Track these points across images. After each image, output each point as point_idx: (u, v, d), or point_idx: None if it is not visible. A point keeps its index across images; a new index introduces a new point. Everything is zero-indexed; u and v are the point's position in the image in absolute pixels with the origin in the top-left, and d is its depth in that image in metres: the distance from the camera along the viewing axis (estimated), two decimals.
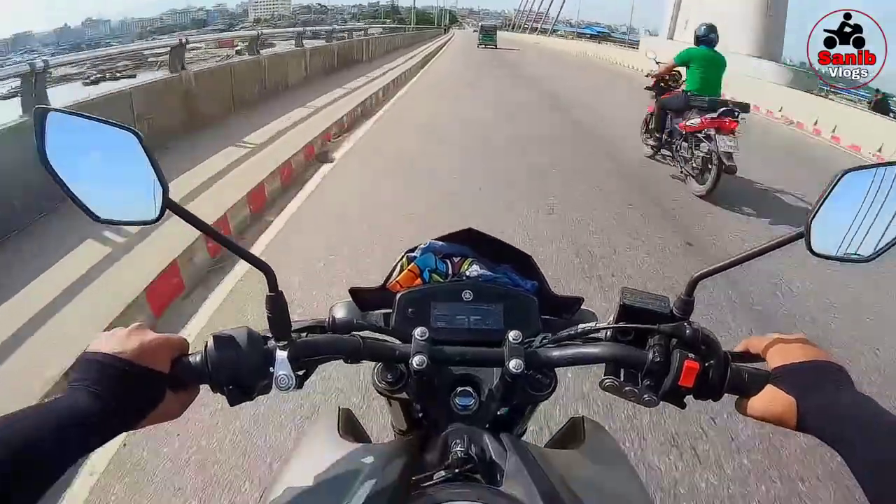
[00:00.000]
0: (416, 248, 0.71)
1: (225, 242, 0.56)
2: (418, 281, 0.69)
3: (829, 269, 3.12)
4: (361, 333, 0.61)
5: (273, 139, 5.24)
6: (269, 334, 0.57)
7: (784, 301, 2.86)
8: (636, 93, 7.84)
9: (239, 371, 0.54)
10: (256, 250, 3.11)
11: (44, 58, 3.71)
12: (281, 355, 0.55)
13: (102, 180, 0.51)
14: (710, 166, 4.30)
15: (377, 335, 0.64)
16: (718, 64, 4.76)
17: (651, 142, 5.37)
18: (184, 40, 5.51)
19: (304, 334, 0.61)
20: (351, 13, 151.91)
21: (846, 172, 0.51)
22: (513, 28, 73.15)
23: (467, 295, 0.66)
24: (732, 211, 4.20)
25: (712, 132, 4.21)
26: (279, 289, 0.56)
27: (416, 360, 0.58)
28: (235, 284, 2.70)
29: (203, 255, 3.01)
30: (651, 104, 5.37)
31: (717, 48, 4.78)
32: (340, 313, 0.68)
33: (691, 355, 0.54)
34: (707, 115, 4.32)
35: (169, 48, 5.39)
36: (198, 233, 2.22)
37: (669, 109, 4.95)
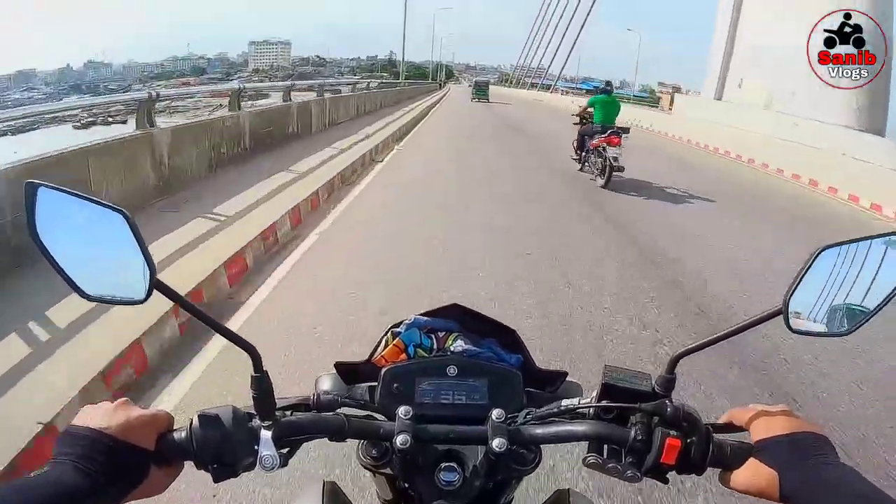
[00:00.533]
0: (401, 322, 0.73)
1: (210, 323, 0.57)
2: (403, 356, 0.71)
3: None
4: (346, 411, 0.63)
5: None
6: (254, 412, 0.59)
7: None
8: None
9: (223, 450, 0.55)
10: None
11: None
12: (265, 435, 0.57)
13: (91, 257, 0.54)
14: (605, 168, 7.18)
15: (361, 411, 0.66)
16: (613, 104, 7.75)
17: (575, 157, 8.56)
18: None
19: (288, 413, 0.61)
20: (349, 66, 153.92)
21: (824, 249, 0.53)
22: (510, 84, 72.16)
23: (452, 370, 0.67)
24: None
25: (605, 145, 7.12)
26: (264, 369, 0.58)
27: (400, 440, 0.59)
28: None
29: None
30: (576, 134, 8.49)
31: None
32: (325, 386, 0.72)
33: (673, 433, 0.56)
34: (602, 136, 7.23)
35: None
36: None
37: (585, 135, 8.03)
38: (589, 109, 8.01)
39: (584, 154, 8.14)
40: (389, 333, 0.72)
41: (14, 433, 1.89)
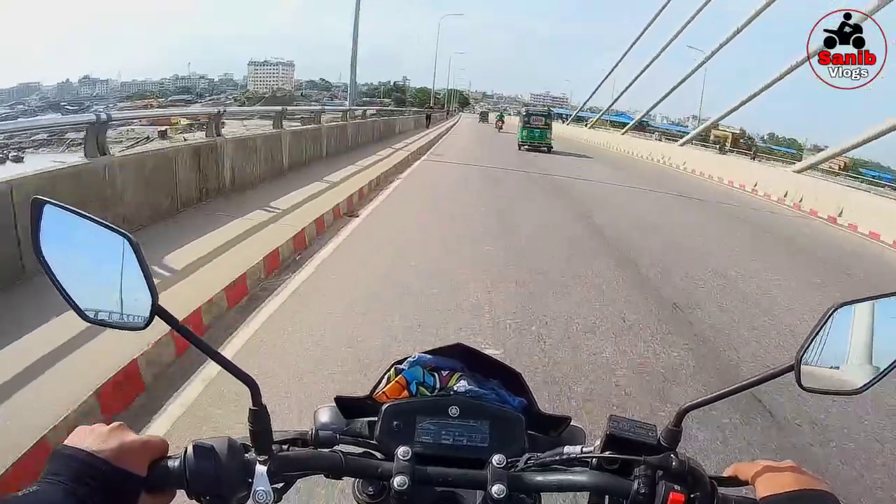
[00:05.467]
0: (404, 359, 0.77)
1: (210, 353, 0.60)
2: (405, 393, 0.74)
3: None
4: (344, 448, 0.67)
5: None
6: (250, 444, 0.62)
7: None
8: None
9: (217, 482, 0.58)
10: None
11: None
12: (261, 470, 0.60)
13: (93, 279, 0.57)
14: (499, 128, 37.73)
15: (359, 448, 0.70)
16: (501, 116, 43.85)
17: (496, 127, 38.52)
18: None
19: (285, 447, 0.64)
20: (361, 91, 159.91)
21: (838, 307, 0.58)
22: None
23: (454, 411, 0.70)
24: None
25: (499, 125, 38.73)
26: (263, 403, 0.61)
27: (398, 481, 0.62)
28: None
29: None
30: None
31: None
32: (324, 419, 0.76)
33: (677, 487, 0.59)
34: (498, 121, 40.32)
35: None
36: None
37: (496, 121, 41.29)
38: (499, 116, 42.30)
39: (498, 124, 37.50)
40: (392, 370, 0.75)
41: None
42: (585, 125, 43.52)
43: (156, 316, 0.57)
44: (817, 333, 0.58)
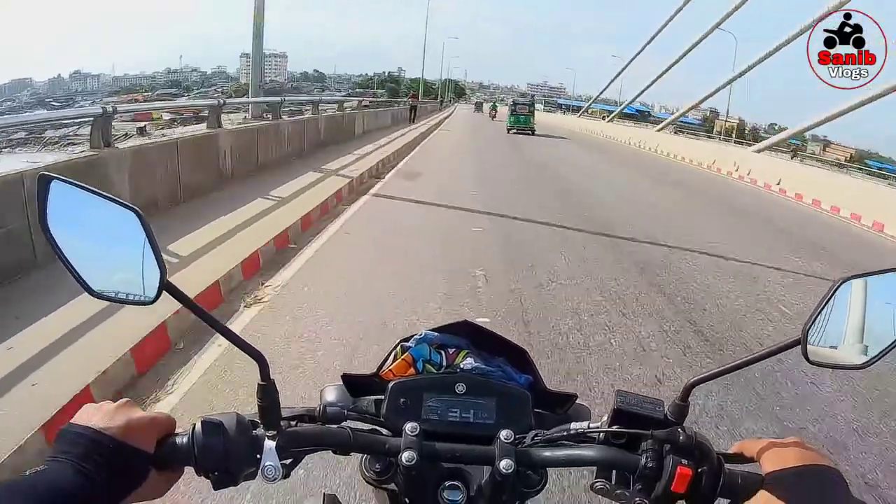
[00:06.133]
0: (410, 337, 0.77)
1: (220, 329, 0.61)
2: (411, 370, 0.75)
3: None
4: (351, 424, 0.68)
5: None
6: (258, 420, 0.63)
7: None
8: None
9: (225, 458, 0.59)
10: None
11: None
12: (269, 445, 0.61)
13: (101, 254, 0.57)
14: (492, 116, 43.85)
15: (366, 424, 0.71)
16: (494, 105, 53.75)
17: (489, 116, 44.85)
18: None
19: (293, 423, 0.65)
20: (356, 82, 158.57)
21: (844, 281, 0.58)
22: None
23: (460, 388, 0.72)
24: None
25: (492, 113, 45.60)
26: (271, 378, 0.62)
27: (406, 457, 0.63)
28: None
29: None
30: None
31: None
32: (331, 397, 0.77)
33: (684, 461, 0.59)
34: (491, 111, 47.90)
35: None
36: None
37: (490, 110, 48.58)
38: (493, 106, 50.10)
39: (492, 113, 43.84)
40: (399, 347, 0.77)
41: None
42: (604, 118, 40.38)
43: (164, 291, 0.57)
44: (823, 307, 0.57)
